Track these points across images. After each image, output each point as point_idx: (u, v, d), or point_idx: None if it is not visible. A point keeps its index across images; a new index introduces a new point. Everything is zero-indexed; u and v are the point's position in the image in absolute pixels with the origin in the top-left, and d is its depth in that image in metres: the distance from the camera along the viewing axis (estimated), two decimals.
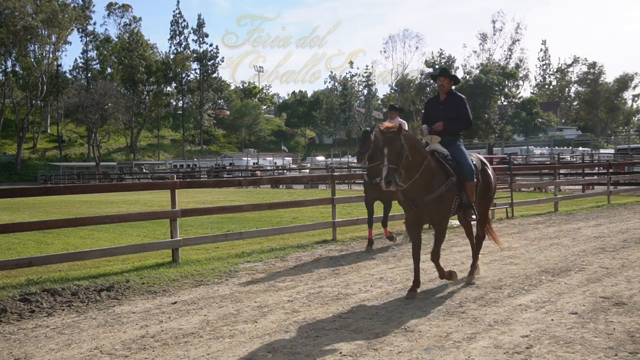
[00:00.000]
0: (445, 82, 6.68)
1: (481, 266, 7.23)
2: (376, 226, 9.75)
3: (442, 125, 6.43)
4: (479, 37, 77.67)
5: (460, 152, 6.40)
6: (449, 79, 6.69)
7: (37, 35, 64.59)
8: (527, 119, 61.38)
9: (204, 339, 4.72)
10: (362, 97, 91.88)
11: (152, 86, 76.81)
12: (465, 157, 6.33)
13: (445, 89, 6.66)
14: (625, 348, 4.22)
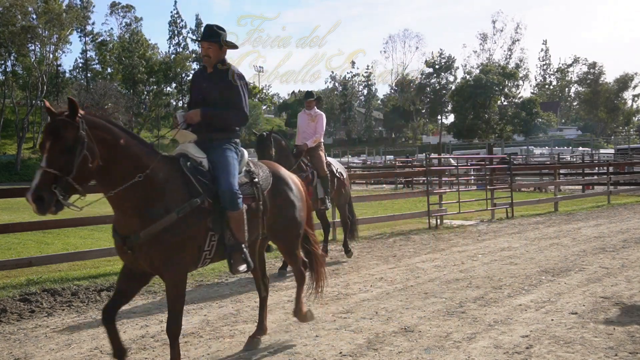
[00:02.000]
0: (211, 49, 4.26)
1: (312, 310, 5.05)
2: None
3: (199, 113, 4.15)
4: (479, 37, 77.72)
5: (224, 161, 4.04)
6: (217, 44, 4.25)
7: (38, 36, 64.59)
8: (527, 119, 61.37)
9: (204, 339, 4.72)
10: (362, 97, 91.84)
11: (152, 86, 76.78)
12: (229, 172, 3.99)
13: (212, 58, 4.29)
14: (625, 348, 4.22)
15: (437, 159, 18.44)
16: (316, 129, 8.15)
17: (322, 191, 7.90)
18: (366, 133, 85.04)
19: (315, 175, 7.84)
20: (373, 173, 32.14)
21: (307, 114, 8.29)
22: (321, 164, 7.95)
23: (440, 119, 79.52)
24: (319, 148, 8.10)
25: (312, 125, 8.17)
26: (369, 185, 32.26)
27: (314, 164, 7.91)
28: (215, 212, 3.86)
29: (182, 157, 3.96)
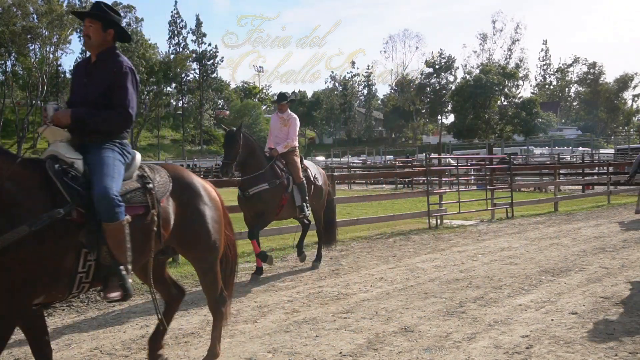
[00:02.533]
0: (92, 28, 3.58)
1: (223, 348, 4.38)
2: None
3: (69, 115, 3.43)
4: (479, 37, 77.75)
5: (101, 162, 3.33)
6: (101, 23, 3.57)
7: (39, 36, 64.62)
8: (527, 119, 61.39)
9: (204, 339, 4.72)
10: (362, 97, 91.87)
11: (152, 86, 76.80)
12: (105, 174, 3.27)
13: (93, 41, 3.59)
14: (625, 348, 4.22)
15: (437, 159, 18.44)
16: (289, 133, 7.65)
17: (300, 198, 7.42)
18: (366, 133, 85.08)
19: (291, 181, 7.37)
20: (373, 173, 32.14)
21: (280, 117, 7.82)
22: (296, 169, 7.46)
23: (440, 119, 79.55)
24: (293, 153, 7.61)
25: (285, 129, 7.69)
26: (369, 185, 32.27)
27: (289, 169, 7.43)
28: (90, 224, 3.13)
29: (49, 160, 3.22)
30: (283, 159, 7.49)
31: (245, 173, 7.16)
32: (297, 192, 7.42)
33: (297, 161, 7.55)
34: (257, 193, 7.08)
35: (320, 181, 7.95)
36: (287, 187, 7.29)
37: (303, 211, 7.47)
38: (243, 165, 7.12)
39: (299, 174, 7.45)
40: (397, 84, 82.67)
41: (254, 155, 7.16)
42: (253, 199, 7.10)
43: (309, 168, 7.85)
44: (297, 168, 7.47)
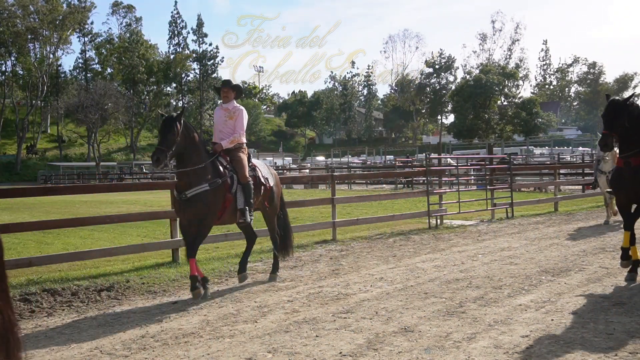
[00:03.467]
0: None
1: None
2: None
3: None
4: (479, 37, 77.68)
5: None
6: None
7: (39, 36, 64.64)
8: (527, 119, 61.34)
9: (204, 339, 4.72)
10: (362, 97, 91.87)
11: (152, 86, 76.82)
12: None
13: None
14: (625, 348, 4.22)
15: (437, 159, 18.44)
16: (235, 127, 6.78)
17: (243, 201, 6.48)
18: (366, 133, 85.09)
19: (235, 180, 6.48)
20: (373, 173, 32.15)
21: (224, 110, 6.89)
22: (242, 168, 6.55)
23: (440, 119, 79.53)
24: (240, 149, 6.76)
25: (230, 123, 6.79)
26: (369, 185, 32.27)
27: (234, 167, 6.56)
28: None
29: None
30: (227, 155, 6.65)
31: (182, 166, 6.21)
32: (241, 193, 6.50)
33: (243, 158, 6.67)
34: (197, 195, 6.12)
35: (271, 182, 7.08)
36: (231, 187, 6.43)
37: (244, 216, 6.49)
38: (181, 157, 6.19)
39: (245, 173, 6.56)
40: (397, 84, 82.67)
41: (194, 148, 6.26)
42: (191, 202, 6.13)
43: (257, 167, 6.95)
44: (243, 166, 6.58)
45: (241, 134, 6.81)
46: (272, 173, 7.33)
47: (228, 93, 6.89)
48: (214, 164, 6.40)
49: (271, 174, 7.23)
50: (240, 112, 6.87)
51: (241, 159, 6.63)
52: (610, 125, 6.18)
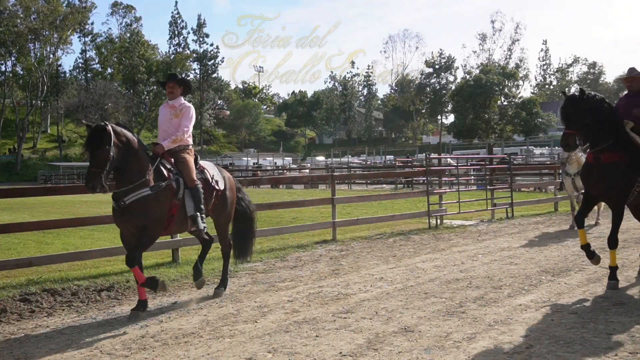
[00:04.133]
0: None
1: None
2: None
3: None
4: (479, 37, 77.65)
5: None
6: None
7: (40, 36, 64.68)
8: (527, 119, 61.35)
9: (204, 339, 4.72)
10: (362, 97, 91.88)
11: (152, 86, 76.85)
12: None
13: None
14: (625, 348, 4.22)
15: (437, 159, 18.45)
16: (180, 125, 6.10)
17: (193, 207, 5.83)
18: (366, 133, 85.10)
19: (181, 184, 5.80)
20: (373, 173, 32.15)
21: (170, 107, 6.22)
22: (189, 170, 5.89)
23: (440, 119, 79.54)
24: (185, 150, 6.11)
25: (175, 121, 6.13)
26: (369, 185, 32.27)
27: (180, 170, 5.89)
28: None
29: None
30: (171, 157, 6.01)
31: (122, 183, 5.48)
32: (190, 198, 5.84)
33: (189, 160, 6.01)
34: (136, 201, 5.43)
35: (221, 185, 6.35)
36: (177, 192, 5.73)
37: (196, 223, 5.86)
38: (119, 171, 5.47)
39: (192, 176, 5.88)
40: (397, 84, 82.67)
41: (134, 157, 5.52)
42: (131, 209, 5.44)
43: (206, 169, 6.29)
44: (190, 168, 5.93)
45: (185, 131, 6.11)
46: (226, 176, 6.57)
47: (174, 88, 6.22)
48: (156, 167, 5.71)
49: (223, 177, 6.47)
50: (187, 109, 6.19)
51: (187, 161, 5.98)
52: (569, 123, 5.81)
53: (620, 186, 5.87)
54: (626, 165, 5.83)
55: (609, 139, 5.84)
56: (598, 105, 5.85)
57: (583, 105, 5.76)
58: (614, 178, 5.85)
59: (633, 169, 5.85)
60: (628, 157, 5.85)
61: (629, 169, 5.83)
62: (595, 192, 6.18)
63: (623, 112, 6.27)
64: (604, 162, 5.87)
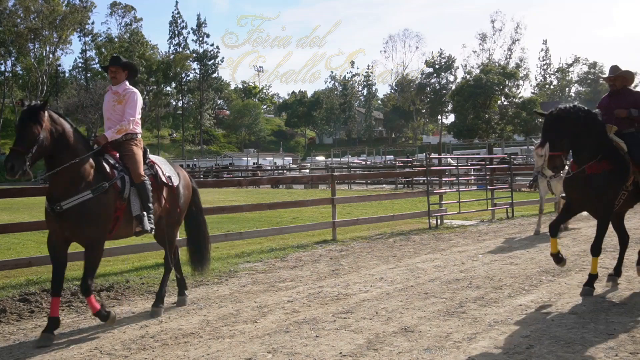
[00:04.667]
0: None
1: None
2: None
3: None
4: (479, 37, 77.66)
5: None
6: None
7: (40, 36, 64.72)
8: (527, 119, 61.36)
9: (204, 339, 4.72)
10: (362, 97, 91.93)
11: (152, 86, 76.86)
12: None
13: None
14: (625, 348, 4.22)
15: (437, 159, 18.44)
16: (124, 113, 5.49)
17: (139, 205, 5.19)
18: (366, 133, 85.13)
19: (127, 181, 5.17)
20: (373, 173, 32.15)
21: (114, 93, 5.61)
22: (135, 164, 5.27)
23: (440, 119, 79.58)
24: (132, 141, 5.45)
25: (119, 108, 5.52)
26: (369, 185, 32.27)
27: (126, 164, 5.27)
28: None
29: None
30: (117, 150, 5.37)
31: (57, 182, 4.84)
32: (135, 196, 5.21)
33: (136, 153, 5.40)
34: (76, 207, 4.74)
35: (175, 181, 5.75)
36: (123, 191, 5.12)
37: (142, 224, 5.19)
38: (50, 160, 4.80)
39: (139, 170, 5.28)
40: (397, 84, 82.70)
41: (68, 145, 4.82)
42: (70, 217, 4.75)
43: (157, 164, 5.66)
44: (137, 162, 5.32)
45: (131, 121, 5.45)
46: (180, 173, 5.97)
47: (117, 73, 5.65)
48: (98, 163, 5.04)
49: (176, 173, 5.88)
50: (131, 94, 5.57)
51: (134, 154, 5.36)
52: (553, 145, 5.50)
53: (607, 196, 5.66)
54: (611, 174, 5.62)
55: (594, 153, 5.62)
56: (581, 121, 5.56)
57: (566, 125, 5.47)
58: (600, 188, 5.62)
59: (618, 177, 5.66)
60: (612, 165, 5.64)
61: (614, 178, 5.64)
62: (580, 203, 5.95)
63: (605, 112, 6.13)
64: (589, 173, 5.64)
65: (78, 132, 5.04)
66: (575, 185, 5.83)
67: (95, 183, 4.89)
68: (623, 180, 5.69)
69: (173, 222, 5.88)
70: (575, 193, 5.89)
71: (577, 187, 5.81)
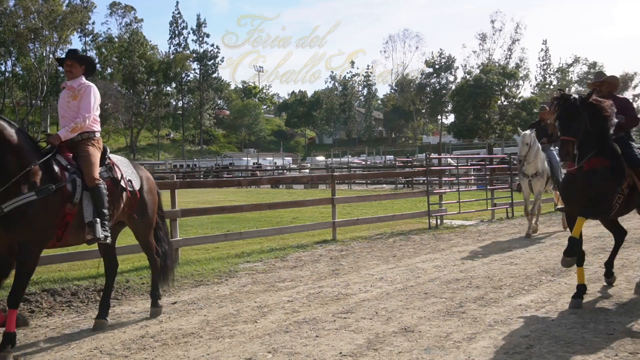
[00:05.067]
0: None
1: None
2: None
3: None
4: (479, 37, 77.66)
5: None
6: None
7: (40, 36, 64.75)
8: (527, 118, 61.35)
9: (204, 339, 4.72)
10: (362, 97, 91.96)
11: (152, 86, 76.89)
12: None
13: None
14: (625, 348, 4.22)
15: (437, 159, 18.45)
16: (79, 109, 5.07)
17: (92, 211, 4.78)
18: (366, 133, 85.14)
19: (79, 184, 4.77)
20: (373, 173, 32.15)
21: (68, 88, 5.21)
22: (90, 166, 4.87)
23: (440, 119, 79.57)
24: (89, 141, 5.05)
25: (74, 104, 5.12)
26: (369, 185, 32.27)
27: (79, 165, 4.87)
28: None
29: None
30: (71, 150, 4.98)
31: None
32: (89, 201, 4.81)
33: (92, 154, 4.98)
34: (18, 209, 4.40)
35: (136, 185, 5.37)
36: (73, 195, 4.71)
37: (93, 231, 4.76)
38: None
39: (93, 173, 4.85)
40: (397, 84, 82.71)
41: (10, 153, 4.46)
42: (10, 220, 4.39)
43: (117, 166, 5.26)
44: (91, 164, 4.90)
45: (87, 117, 5.05)
46: (143, 175, 5.56)
47: (73, 67, 5.20)
48: (47, 164, 4.66)
49: (139, 175, 5.48)
50: (87, 89, 5.14)
51: (89, 155, 4.95)
52: (569, 129, 5.22)
53: (606, 193, 5.40)
54: (609, 172, 5.41)
55: (596, 147, 5.42)
56: (595, 110, 5.37)
57: (585, 110, 5.27)
58: (599, 184, 5.38)
59: (616, 176, 5.43)
60: (610, 163, 5.43)
61: (612, 175, 5.42)
62: (579, 202, 5.52)
63: None
64: (588, 169, 5.39)
65: (23, 133, 4.67)
66: (573, 184, 5.58)
67: (41, 185, 4.53)
68: (620, 179, 5.48)
69: (142, 229, 5.51)
70: (575, 191, 5.57)
71: (577, 185, 5.53)
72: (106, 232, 4.86)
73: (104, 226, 4.84)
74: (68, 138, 4.98)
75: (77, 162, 4.89)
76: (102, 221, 4.82)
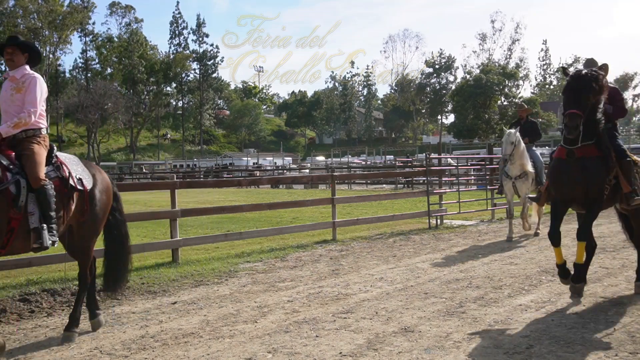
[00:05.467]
0: None
1: None
2: None
3: None
4: (478, 37, 77.70)
5: None
6: None
7: (40, 36, 64.77)
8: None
9: (204, 339, 4.72)
10: (362, 97, 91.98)
11: (152, 86, 76.91)
12: None
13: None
14: (625, 348, 4.22)
15: (437, 158, 18.44)
16: (24, 103, 4.63)
17: (38, 216, 4.36)
18: (366, 133, 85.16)
19: (23, 186, 4.33)
20: (373, 173, 32.15)
21: (11, 79, 4.73)
22: (34, 165, 4.42)
23: (440, 119, 79.58)
24: (33, 139, 4.61)
25: (18, 97, 4.65)
26: (369, 185, 32.27)
27: (23, 165, 4.43)
28: None
29: None
30: (13, 149, 4.54)
31: None
32: (34, 204, 4.37)
33: (37, 152, 4.53)
34: None
35: (88, 184, 4.84)
36: (17, 198, 4.28)
37: (40, 238, 4.33)
38: None
39: (38, 173, 4.41)
40: (397, 84, 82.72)
41: None
42: None
43: (65, 164, 4.76)
44: (36, 163, 4.45)
45: (32, 112, 4.60)
46: (96, 175, 5.02)
47: (14, 55, 4.71)
48: None
49: (91, 174, 4.96)
50: (32, 81, 4.68)
51: (33, 153, 4.48)
52: (578, 101, 4.98)
53: (598, 180, 5.26)
54: (600, 160, 5.26)
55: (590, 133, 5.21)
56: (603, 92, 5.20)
57: (597, 86, 5.05)
58: (592, 171, 5.19)
59: (606, 165, 5.29)
60: (600, 152, 5.28)
61: (603, 163, 5.27)
62: (569, 192, 5.41)
63: None
64: (580, 156, 5.20)
65: None
66: (565, 172, 5.34)
67: None
68: (609, 169, 5.32)
69: (87, 233, 4.92)
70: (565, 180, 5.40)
71: (567, 173, 5.32)
72: (54, 238, 4.42)
73: (51, 231, 4.39)
74: (10, 135, 4.49)
75: (20, 162, 4.43)
76: (49, 226, 4.37)
